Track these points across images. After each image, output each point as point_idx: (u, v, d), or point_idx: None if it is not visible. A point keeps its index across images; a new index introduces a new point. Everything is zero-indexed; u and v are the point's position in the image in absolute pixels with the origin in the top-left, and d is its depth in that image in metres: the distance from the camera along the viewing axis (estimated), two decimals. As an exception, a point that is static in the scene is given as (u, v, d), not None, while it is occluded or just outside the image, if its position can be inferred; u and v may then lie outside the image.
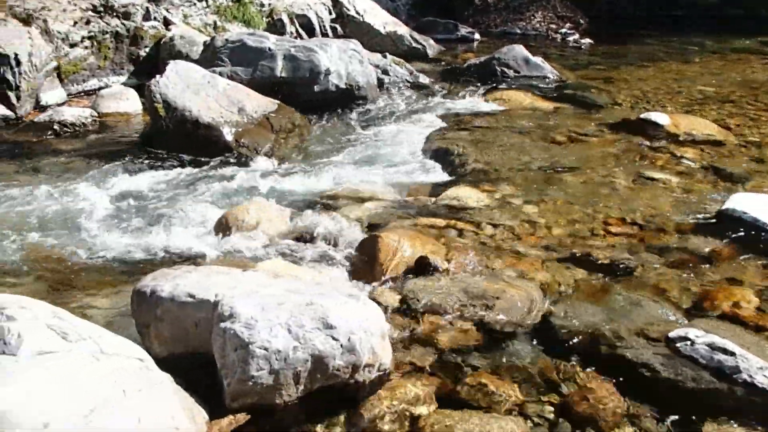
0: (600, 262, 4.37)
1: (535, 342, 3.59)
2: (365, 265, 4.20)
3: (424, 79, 9.18)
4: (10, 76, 7.79)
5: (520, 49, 9.83)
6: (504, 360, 3.43)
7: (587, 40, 12.78)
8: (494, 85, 9.13)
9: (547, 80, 9.42)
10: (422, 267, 4.12)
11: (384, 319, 3.20)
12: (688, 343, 3.38)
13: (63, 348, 2.36)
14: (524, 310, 3.79)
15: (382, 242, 4.25)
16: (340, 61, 7.89)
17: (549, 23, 13.93)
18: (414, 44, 11.00)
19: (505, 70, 9.51)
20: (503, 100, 8.36)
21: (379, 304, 3.51)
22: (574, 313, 3.80)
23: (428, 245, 4.37)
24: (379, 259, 4.16)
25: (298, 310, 2.98)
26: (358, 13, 11.04)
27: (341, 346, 2.93)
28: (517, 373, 3.33)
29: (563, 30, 13.57)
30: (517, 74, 9.48)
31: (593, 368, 3.37)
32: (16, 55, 7.80)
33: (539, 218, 5.03)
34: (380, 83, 8.55)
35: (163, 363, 2.93)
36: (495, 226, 4.87)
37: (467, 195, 5.36)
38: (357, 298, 3.20)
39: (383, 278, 4.08)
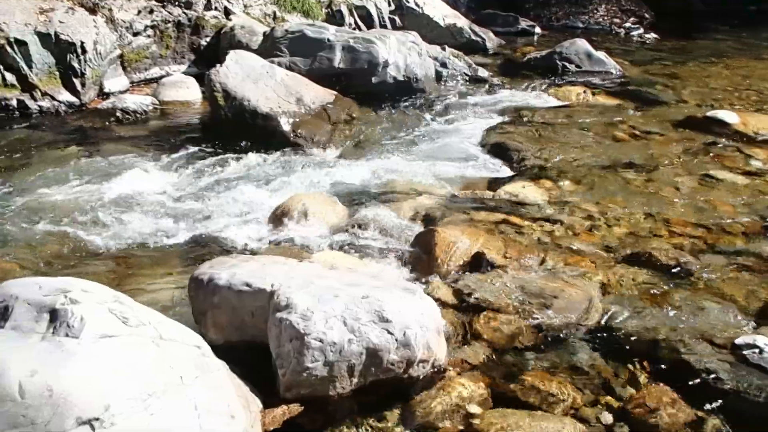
0: (662, 263, 4.23)
1: (593, 343, 3.50)
2: (421, 259, 4.16)
3: (482, 73, 9.07)
4: (75, 64, 7.99)
5: (582, 44, 9.63)
6: (561, 360, 3.35)
7: (652, 35, 12.44)
8: (555, 79, 8.97)
9: (609, 76, 9.20)
10: (478, 262, 4.07)
11: (439, 315, 3.17)
12: (756, 351, 3.25)
13: (123, 332, 2.39)
14: (582, 310, 3.70)
15: (439, 236, 4.21)
16: (399, 53, 7.84)
17: (613, 17, 13.60)
18: (473, 37, 10.88)
19: (567, 64, 9.33)
20: (564, 95, 8.20)
21: (434, 299, 3.48)
22: (635, 315, 3.69)
23: (485, 240, 4.30)
24: (435, 254, 4.12)
25: (354, 303, 2.96)
26: (417, 4, 10.97)
27: (396, 340, 2.91)
28: (574, 375, 3.26)
29: (627, 24, 13.25)
30: (578, 69, 9.28)
31: (653, 373, 3.27)
32: (82, 43, 7.99)
33: (599, 216, 4.91)
34: (438, 76, 8.48)
35: (218, 350, 2.95)
36: (553, 223, 4.78)
37: (525, 191, 5.27)
38: (413, 293, 3.17)
39: (438, 273, 4.03)
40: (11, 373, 2.11)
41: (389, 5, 11.00)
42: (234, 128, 6.68)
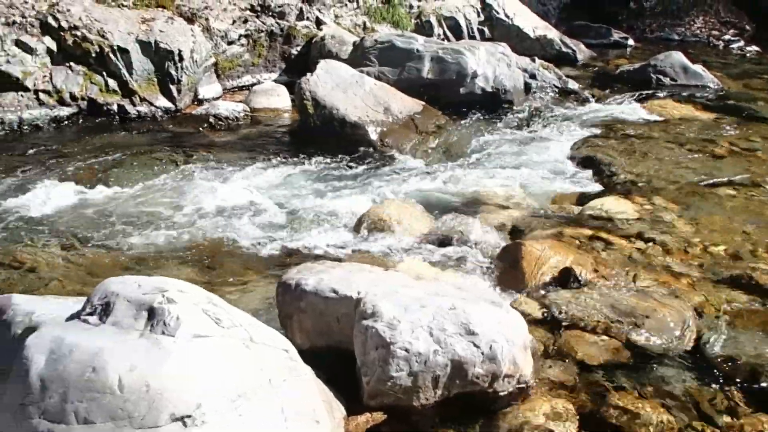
0: (763, 286, 4.02)
1: (687, 367, 3.35)
2: (507, 272, 4.10)
3: (573, 85, 8.89)
4: (173, 71, 8.31)
5: (678, 56, 9.31)
6: (653, 383, 3.23)
7: (754, 48, 11.90)
8: (649, 93, 8.69)
9: (707, 90, 8.86)
10: (567, 278, 3.97)
11: (526, 330, 3.10)
12: None
13: (216, 333, 2.45)
14: (676, 332, 3.56)
15: (526, 250, 4.14)
16: (488, 64, 7.79)
17: (711, 29, 13.10)
18: (563, 49, 10.69)
19: (661, 77, 9.04)
20: (658, 109, 7.93)
21: (520, 313, 3.41)
22: (733, 339, 3.52)
23: (573, 256, 4.20)
24: (521, 267, 4.05)
25: (440, 314, 2.94)
26: (507, 15, 10.88)
27: (482, 353, 2.87)
28: (667, 399, 3.13)
29: (726, 36, 12.73)
30: (673, 82, 8.98)
31: (753, 402, 3.10)
32: (179, 51, 8.31)
33: (694, 235, 4.71)
34: (527, 87, 8.36)
35: (303, 355, 2.97)
36: (646, 240, 4.62)
37: (616, 206, 5.12)
38: (500, 306, 3.12)
39: (525, 287, 3.96)
40: (111, 367, 2.19)
41: (478, 16, 10.94)
42: (322, 136, 6.79)
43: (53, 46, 8.05)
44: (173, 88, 8.31)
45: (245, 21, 9.46)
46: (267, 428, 2.35)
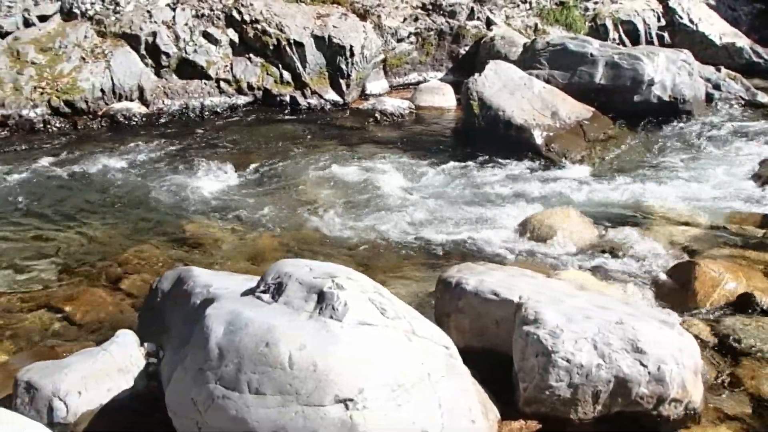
0: None
1: None
2: (676, 291, 3.87)
3: (762, 98, 8.22)
4: (343, 66, 8.59)
5: None
6: (841, 428, 2.92)
7: None
8: None
9: None
10: (745, 304, 3.68)
11: (699, 354, 2.90)
12: None
13: (381, 323, 2.49)
14: None
15: (700, 270, 3.87)
16: (667, 71, 7.38)
17: None
18: (754, 58, 9.92)
19: None
20: None
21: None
22: None
23: (755, 281, 3.88)
24: (693, 288, 3.80)
25: (606, 327, 2.82)
26: (691, 21, 10.24)
27: (649, 373, 2.72)
28: None
29: None
30: None
31: None
32: (351, 46, 8.57)
33: None
34: (709, 98, 7.85)
35: (459, 354, 2.97)
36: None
37: (808, 232, 4.68)
38: (671, 326, 2.94)
39: (697, 309, 3.71)
40: (283, 344, 2.29)
41: (659, 20, 10.39)
42: (485, 137, 6.75)
43: (235, 38, 8.60)
44: (342, 82, 8.59)
45: (416, 19, 9.59)
46: (423, 421, 2.35)
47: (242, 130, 7.59)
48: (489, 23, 9.79)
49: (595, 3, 10.53)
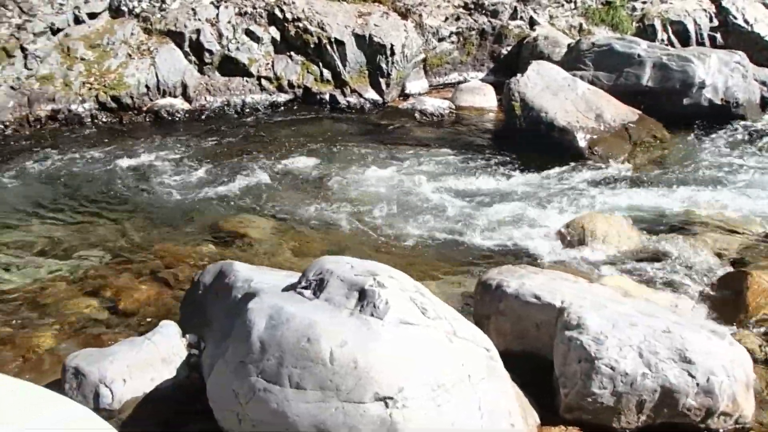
0: None
1: None
2: (727, 302, 3.76)
3: (825, 102, 7.96)
4: (383, 65, 8.56)
5: None
6: None
7: None
8: None
9: None
10: (799, 317, 3.56)
11: (751, 367, 2.81)
12: None
13: (422, 322, 2.46)
14: None
15: (752, 280, 3.76)
16: (719, 74, 7.19)
17: None
18: (813, 61, 9.62)
19: None
20: None
21: (741, 347, 3.10)
22: None
23: (809, 293, 3.76)
24: (745, 299, 3.68)
25: (652, 335, 2.75)
26: (746, 21, 9.91)
27: (697, 384, 2.64)
28: None
29: None
30: None
31: None
32: (391, 45, 8.54)
33: None
34: (764, 102, 7.60)
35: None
36: None
37: None
38: (722, 337, 2.85)
39: (748, 320, 3.60)
40: (325, 340, 2.28)
41: (711, 21, 10.09)
42: (527, 138, 6.67)
43: (277, 36, 8.64)
44: (382, 81, 8.57)
45: (457, 18, 9.52)
46: (463, 422, 2.32)
47: (282, 128, 7.62)
48: (532, 23, 9.67)
49: (643, 3, 10.32)
